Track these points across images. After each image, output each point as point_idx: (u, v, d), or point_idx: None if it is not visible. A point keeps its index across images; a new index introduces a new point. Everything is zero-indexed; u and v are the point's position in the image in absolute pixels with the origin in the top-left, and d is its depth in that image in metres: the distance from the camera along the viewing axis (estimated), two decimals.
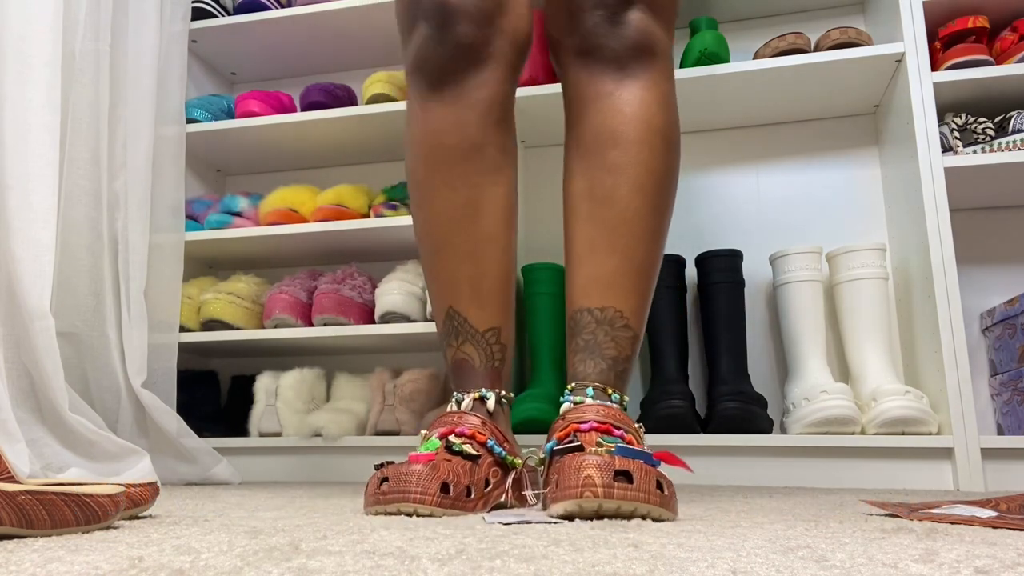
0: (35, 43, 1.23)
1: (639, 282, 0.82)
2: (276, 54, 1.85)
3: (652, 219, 0.83)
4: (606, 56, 0.85)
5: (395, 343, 1.62)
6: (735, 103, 1.56)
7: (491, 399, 0.85)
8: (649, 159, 0.83)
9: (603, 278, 0.82)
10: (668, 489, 0.64)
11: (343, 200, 1.58)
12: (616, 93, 0.85)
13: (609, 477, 0.61)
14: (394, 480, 0.69)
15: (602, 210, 0.84)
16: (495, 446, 0.80)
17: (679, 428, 1.34)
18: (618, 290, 0.82)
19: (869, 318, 1.38)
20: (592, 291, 0.83)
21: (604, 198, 0.84)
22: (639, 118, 0.84)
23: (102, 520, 0.58)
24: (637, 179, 0.83)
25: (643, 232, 0.83)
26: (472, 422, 0.81)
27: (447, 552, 0.44)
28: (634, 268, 0.83)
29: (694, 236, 1.65)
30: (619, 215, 0.83)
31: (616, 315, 0.82)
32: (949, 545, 0.48)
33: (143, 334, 1.39)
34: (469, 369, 0.87)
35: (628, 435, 0.72)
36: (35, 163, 1.21)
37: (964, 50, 1.37)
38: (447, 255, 0.88)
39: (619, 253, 0.82)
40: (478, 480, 0.76)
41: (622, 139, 0.83)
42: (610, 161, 0.84)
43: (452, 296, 0.88)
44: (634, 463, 0.62)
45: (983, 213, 1.52)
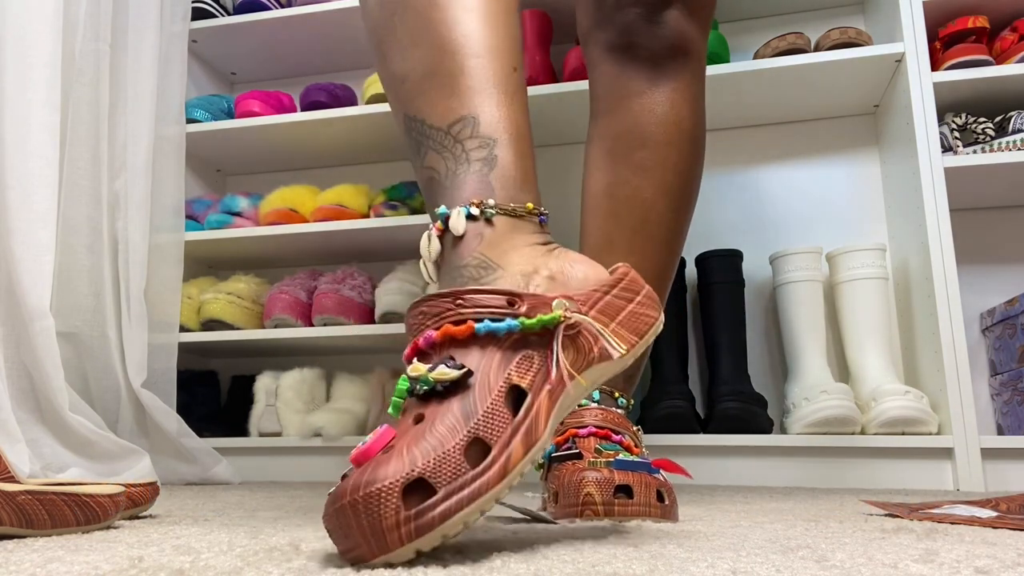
0: (35, 43, 1.23)
1: (655, 283, 0.81)
2: (276, 54, 1.85)
3: (674, 222, 0.83)
4: (641, 55, 0.84)
5: (395, 343, 1.62)
6: (735, 103, 1.56)
7: (456, 214, 0.54)
8: (677, 162, 0.82)
9: None
10: (669, 497, 0.64)
11: (343, 200, 1.58)
12: (648, 92, 0.83)
13: (609, 494, 0.61)
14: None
15: (624, 209, 0.83)
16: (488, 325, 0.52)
17: (679, 428, 1.34)
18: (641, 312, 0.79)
19: (869, 318, 1.38)
20: None
21: (627, 198, 0.83)
22: (670, 120, 0.83)
23: (102, 520, 0.58)
24: (663, 181, 0.82)
25: (663, 235, 0.82)
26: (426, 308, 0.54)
27: (447, 552, 0.44)
28: (650, 269, 0.81)
29: (694, 236, 1.65)
30: (641, 216, 0.82)
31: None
32: (949, 545, 0.48)
33: (143, 334, 1.39)
34: (436, 186, 0.59)
35: (627, 440, 0.72)
36: (35, 163, 1.21)
37: (964, 50, 1.37)
38: (392, 40, 0.63)
39: (637, 254, 0.81)
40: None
41: (651, 140, 0.83)
42: (637, 161, 0.83)
43: (405, 97, 0.62)
44: (634, 476, 0.62)
45: (983, 213, 1.52)
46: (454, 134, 0.58)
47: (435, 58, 0.60)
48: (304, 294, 1.57)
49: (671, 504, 0.64)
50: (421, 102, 0.60)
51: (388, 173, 1.86)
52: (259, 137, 1.71)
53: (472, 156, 0.57)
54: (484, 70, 0.60)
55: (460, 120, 0.58)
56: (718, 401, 1.36)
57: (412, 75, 0.61)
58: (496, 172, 0.57)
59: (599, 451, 0.68)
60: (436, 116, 0.59)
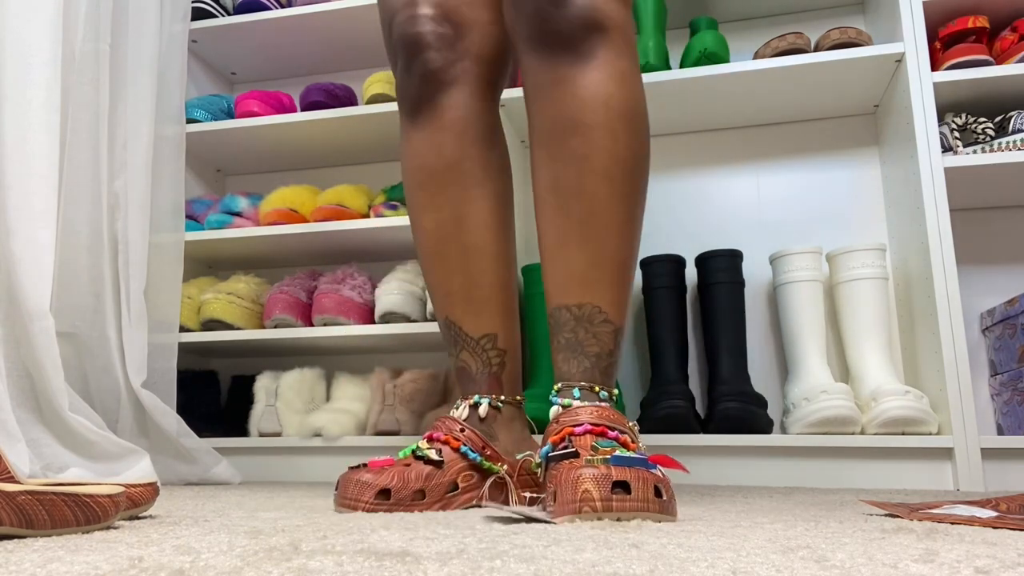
0: (35, 43, 1.23)
1: (615, 274, 0.79)
2: (276, 54, 1.85)
3: (622, 208, 0.79)
4: (556, 40, 0.80)
5: (395, 343, 1.62)
6: (735, 103, 1.56)
7: (483, 404, 0.88)
8: (612, 145, 0.78)
9: (577, 273, 0.79)
10: (667, 493, 0.64)
11: (343, 200, 1.58)
12: (571, 77, 0.80)
13: (607, 490, 0.61)
14: (340, 486, 0.77)
15: (570, 202, 0.80)
16: (469, 451, 0.82)
17: (679, 428, 1.34)
18: (594, 284, 0.79)
19: (869, 318, 1.38)
20: (568, 287, 0.80)
21: (570, 190, 0.80)
22: (597, 101, 0.78)
23: (102, 520, 0.58)
24: (602, 167, 0.78)
25: (614, 222, 0.79)
26: (451, 427, 0.84)
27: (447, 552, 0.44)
28: (608, 260, 0.79)
29: (694, 236, 1.65)
30: (587, 207, 0.79)
31: (595, 311, 0.79)
32: (949, 545, 0.48)
33: (143, 334, 1.39)
34: (467, 376, 0.91)
35: (624, 436, 0.71)
36: (35, 163, 1.20)
37: (964, 50, 1.37)
38: (438, 268, 0.92)
39: (591, 245, 0.79)
40: (438, 484, 0.79)
41: (581, 126, 0.79)
42: (571, 150, 0.79)
43: (447, 306, 0.92)
44: (631, 472, 0.62)
45: (983, 213, 1.52)
46: (483, 344, 0.90)
47: (472, 287, 0.90)
48: (304, 294, 1.57)
49: (669, 500, 0.64)
50: (460, 313, 0.90)
51: (388, 173, 1.86)
52: (259, 137, 1.71)
53: (493, 361, 0.90)
54: (503, 302, 0.91)
55: (487, 335, 0.90)
56: (718, 401, 1.36)
57: (455, 293, 0.90)
58: (505, 374, 0.90)
59: (595, 448, 0.68)
60: (471, 327, 0.90)
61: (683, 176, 1.68)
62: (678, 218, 1.66)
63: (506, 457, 0.86)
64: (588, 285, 0.79)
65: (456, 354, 0.92)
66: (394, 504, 0.76)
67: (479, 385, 0.90)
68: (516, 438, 0.89)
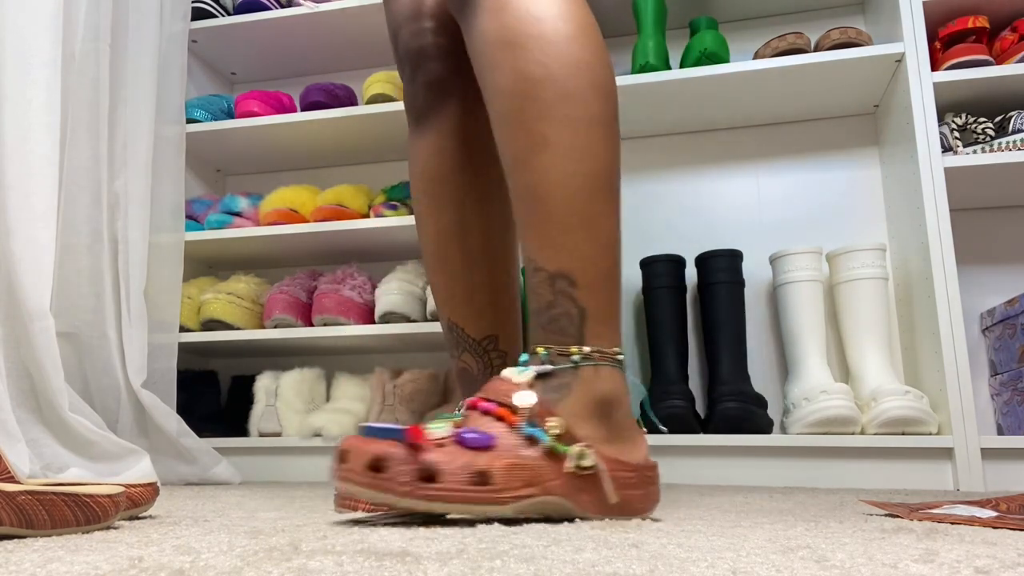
0: (35, 43, 1.23)
1: (533, 211, 0.70)
2: (276, 54, 1.85)
3: (519, 134, 0.71)
4: (456, 13, 0.78)
5: (395, 343, 1.62)
6: (735, 103, 1.56)
7: None
8: (497, 78, 0.72)
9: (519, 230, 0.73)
10: (390, 466, 0.56)
11: (343, 200, 1.58)
12: (467, 30, 0.76)
13: (360, 464, 0.56)
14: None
15: (498, 138, 0.75)
16: None
17: (679, 428, 1.34)
18: (524, 232, 0.72)
19: (869, 318, 1.38)
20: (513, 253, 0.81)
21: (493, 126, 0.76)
22: (483, 39, 0.74)
23: (102, 520, 0.58)
24: (494, 100, 0.73)
25: (519, 156, 0.71)
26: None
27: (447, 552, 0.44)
28: (527, 198, 0.71)
29: (694, 236, 1.65)
30: (499, 142, 0.74)
31: (529, 263, 0.71)
32: (949, 545, 0.48)
33: (143, 334, 1.39)
34: (469, 377, 0.92)
35: (501, 408, 0.63)
36: (35, 163, 1.20)
37: (964, 50, 1.37)
38: (440, 272, 0.92)
39: (514, 191, 0.73)
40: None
41: (480, 66, 0.75)
42: (484, 88, 0.75)
43: (449, 309, 0.92)
44: (382, 444, 0.57)
45: (983, 213, 1.52)
46: (484, 345, 0.90)
47: (474, 291, 0.90)
48: (304, 294, 1.57)
49: (390, 476, 0.56)
50: (462, 316, 0.90)
51: (388, 173, 1.86)
52: (259, 137, 1.71)
53: (494, 363, 0.90)
54: (504, 305, 0.91)
55: (488, 337, 0.90)
56: (718, 401, 1.36)
57: (457, 296, 0.90)
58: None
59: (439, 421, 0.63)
60: (472, 329, 0.90)
61: (683, 176, 1.68)
62: (678, 218, 1.66)
63: None
64: (522, 237, 0.73)
65: (458, 355, 0.93)
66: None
67: (480, 386, 0.90)
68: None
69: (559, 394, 0.64)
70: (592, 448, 0.62)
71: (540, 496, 0.59)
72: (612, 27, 1.74)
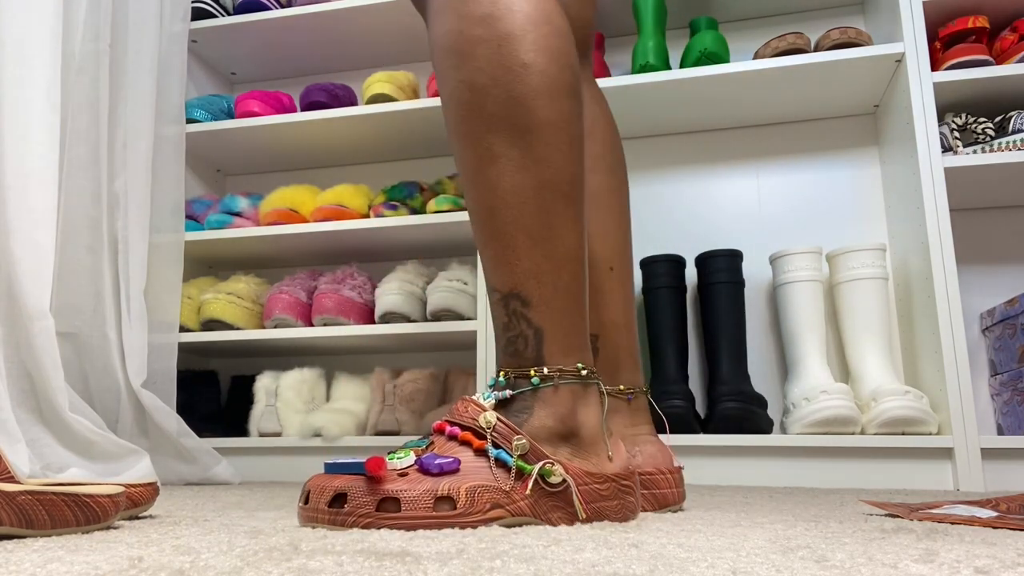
0: (35, 43, 1.23)
1: (484, 231, 0.67)
2: (276, 54, 1.85)
3: (466, 149, 0.67)
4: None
5: (395, 343, 1.62)
6: (735, 103, 1.56)
7: None
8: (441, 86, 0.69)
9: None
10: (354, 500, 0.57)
11: (343, 200, 1.58)
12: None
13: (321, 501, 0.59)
14: None
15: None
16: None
17: (679, 428, 1.34)
18: (481, 253, 0.68)
19: (869, 318, 1.38)
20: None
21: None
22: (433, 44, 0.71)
23: (102, 520, 0.58)
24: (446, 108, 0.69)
25: (467, 169, 0.67)
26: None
27: (447, 552, 0.44)
28: (475, 216, 0.67)
29: (694, 236, 1.65)
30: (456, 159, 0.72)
31: (490, 287, 0.68)
32: (949, 545, 0.48)
33: (143, 334, 1.39)
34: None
35: (465, 432, 0.62)
36: (35, 163, 1.20)
37: (964, 50, 1.37)
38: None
39: (469, 209, 0.69)
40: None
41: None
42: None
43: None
44: (326, 479, 0.59)
45: (983, 213, 1.52)
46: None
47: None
48: (304, 294, 1.57)
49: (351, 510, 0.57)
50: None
51: (388, 173, 1.86)
52: (259, 137, 1.71)
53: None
54: (594, 279, 0.82)
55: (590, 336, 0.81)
56: (718, 401, 1.36)
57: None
58: (597, 361, 0.81)
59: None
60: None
61: (683, 176, 1.68)
62: (678, 218, 1.66)
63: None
64: (480, 257, 0.69)
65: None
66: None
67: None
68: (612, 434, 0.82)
69: (520, 417, 0.63)
70: (559, 464, 0.60)
71: (509, 517, 0.58)
72: (612, 27, 1.74)
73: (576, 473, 0.61)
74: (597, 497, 0.62)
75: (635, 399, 0.82)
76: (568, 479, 0.60)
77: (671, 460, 0.78)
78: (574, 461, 0.62)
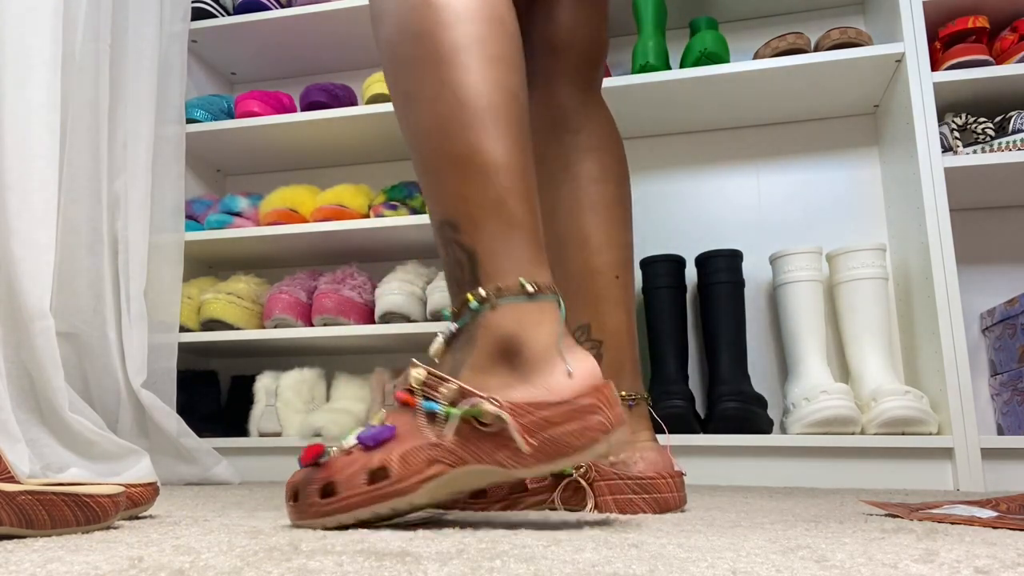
0: (35, 43, 1.23)
1: (417, 176, 0.68)
2: (276, 54, 1.85)
3: (395, 110, 0.70)
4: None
5: (395, 343, 1.62)
6: (735, 103, 1.56)
7: None
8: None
9: None
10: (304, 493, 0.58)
11: (343, 200, 1.58)
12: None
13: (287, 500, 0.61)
14: None
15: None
16: None
17: (679, 428, 1.34)
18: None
19: (869, 318, 1.38)
20: None
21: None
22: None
23: (102, 520, 0.58)
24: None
25: (397, 106, 0.70)
26: None
27: (447, 552, 0.44)
28: (414, 167, 0.70)
29: (694, 236, 1.65)
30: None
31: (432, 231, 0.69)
32: (949, 545, 0.48)
33: (143, 334, 1.39)
34: None
35: (403, 393, 0.61)
36: (35, 163, 1.20)
37: (964, 50, 1.37)
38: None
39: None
40: (502, 483, 0.76)
41: None
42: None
43: None
44: (299, 473, 0.60)
45: (983, 213, 1.52)
46: (576, 337, 0.84)
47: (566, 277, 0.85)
48: (304, 294, 1.57)
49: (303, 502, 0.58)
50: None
51: (388, 173, 1.86)
52: (259, 137, 1.71)
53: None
54: (596, 288, 0.84)
55: (579, 327, 0.84)
56: (718, 401, 1.36)
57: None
58: (601, 367, 0.82)
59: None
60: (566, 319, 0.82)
61: (683, 176, 1.68)
62: (678, 218, 1.66)
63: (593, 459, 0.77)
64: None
65: None
66: (450, 503, 0.75)
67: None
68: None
69: (464, 352, 0.60)
70: (491, 400, 0.56)
71: (451, 470, 0.55)
72: (612, 27, 1.74)
73: (515, 405, 0.56)
74: (545, 425, 0.55)
75: (636, 406, 0.83)
76: (503, 415, 0.55)
77: (671, 465, 0.79)
78: (517, 390, 0.57)
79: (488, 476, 0.56)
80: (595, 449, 0.56)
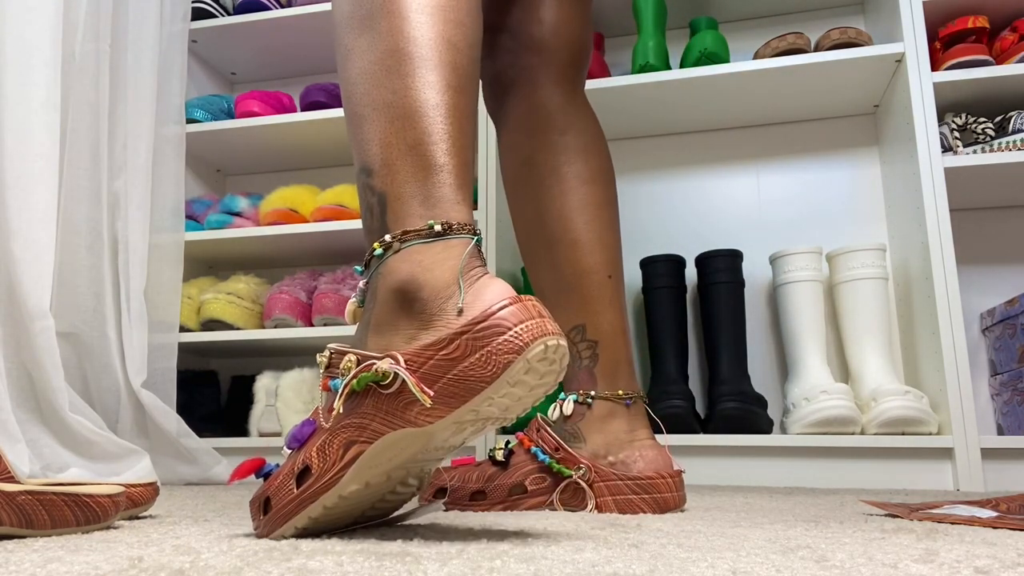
0: (35, 43, 1.23)
1: (347, 129, 0.68)
2: (276, 54, 1.85)
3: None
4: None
5: None
6: (735, 103, 1.56)
7: (568, 401, 0.82)
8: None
9: None
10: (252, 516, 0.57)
11: (343, 200, 1.58)
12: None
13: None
14: None
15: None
16: (539, 453, 0.79)
17: (679, 428, 1.34)
18: None
19: (869, 318, 1.38)
20: None
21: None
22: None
23: (102, 520, 0.58)
24: None
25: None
26: (531, 427, 0.82)
27: (447, 552, 0.44)
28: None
29: (694, 236, 1.65)
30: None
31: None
32: (949, 545, 0.48)
33: (143, 334, 1.39)
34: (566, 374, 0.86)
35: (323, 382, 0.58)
36: (35, 163, 1.21)
37: (964, 50, 1.37)
38: (530, 266, 0.89)
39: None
40: (499, 485, 0.78)
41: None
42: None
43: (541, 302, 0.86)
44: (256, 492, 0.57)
45: (983, 213, 1.52)
46: (571, 337, 0.83)
47: (559, 279, 0.85)
48: (304, 294, 1.57)
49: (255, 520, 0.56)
50: (549, 308, 0.85)
51: None
52: (259, 137, 1.71)
53: (583, 355, 0.83)
54: (590, 289, 0.84)
55: (575, 328, 0.84)
56: (718, 401, 1.36)
57: (546, 288, 0.86)
58: (599, 367, 0.82)
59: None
60: (559, 321, 0.84)
61: (683, 176, 1.68)
62: (678, 218, 1.66)
63: (592, 460, 0.78)
64: None
65: None
66: (450, 503, 0.77)
67: (570, 381, 0.85)
68: (612, 439, 0.80)
69: (369, 309, 0.56)
70: (384, 358, 0.51)
71: (370, 447, 0.51)
72: (612, 27, 1.74)
73: (411, 354, 0.50)
74: (446, 366, 0.49)
75: (633, 405, 0.83)
76: (398, 370, 0.49)
77: (671, 464, 0.79)
78: (415, 340, 0.52)
79: (409, 440, 0.51)
80: (511, 373, 0.48)
